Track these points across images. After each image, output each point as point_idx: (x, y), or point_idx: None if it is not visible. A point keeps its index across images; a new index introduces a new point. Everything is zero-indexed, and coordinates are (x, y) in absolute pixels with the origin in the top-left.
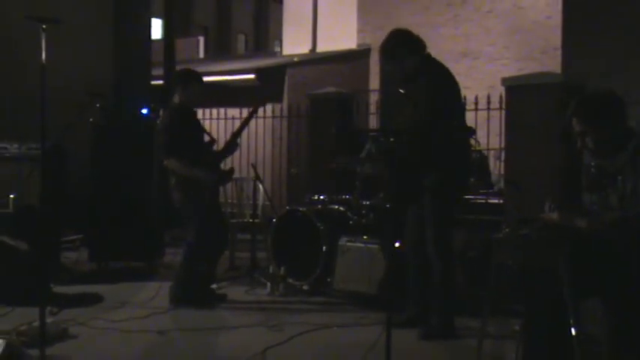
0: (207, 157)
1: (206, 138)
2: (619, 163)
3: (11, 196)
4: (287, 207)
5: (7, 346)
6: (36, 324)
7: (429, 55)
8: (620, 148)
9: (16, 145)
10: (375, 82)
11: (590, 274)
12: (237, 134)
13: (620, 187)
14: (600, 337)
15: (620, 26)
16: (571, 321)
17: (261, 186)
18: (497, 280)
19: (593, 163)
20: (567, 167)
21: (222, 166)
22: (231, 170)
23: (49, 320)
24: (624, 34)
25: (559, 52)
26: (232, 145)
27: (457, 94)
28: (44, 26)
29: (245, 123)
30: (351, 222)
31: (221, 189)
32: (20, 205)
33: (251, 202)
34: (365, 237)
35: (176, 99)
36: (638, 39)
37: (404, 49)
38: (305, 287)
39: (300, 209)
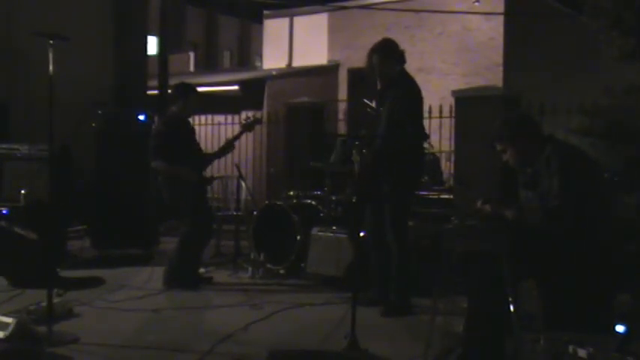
0: (195, 161)
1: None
2: (538, 167)
3: (22, 191)
4: (266, 201)
5: (18, 323)
6: (44, 304)
7: (404, 70)
8: (541, 154)
9: (26, 147)
10: (343, 94)
11: (525, 258)
12: (223, 150)
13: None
14: (536, 313)
15: (553, 46)
16: (510, 299)
17: (243, 183)
18: (447, 265)
19: None
20: (506, 167)
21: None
22: (212, 177)
23: (55, 301)
24: (556, 54)
25: (501, 69)
26: (223, 152)
27: (421, 105)
28: (51, 42)
29: (234, 139)
30: (321, 214)
31: (209, 187)
32: (30, 199)
33: (235, 197)
34: (334, 227)
35: (174, 109)
36: (568, 57)
37: (395, 55)
38: (281, 271)
39: (278, 203)
